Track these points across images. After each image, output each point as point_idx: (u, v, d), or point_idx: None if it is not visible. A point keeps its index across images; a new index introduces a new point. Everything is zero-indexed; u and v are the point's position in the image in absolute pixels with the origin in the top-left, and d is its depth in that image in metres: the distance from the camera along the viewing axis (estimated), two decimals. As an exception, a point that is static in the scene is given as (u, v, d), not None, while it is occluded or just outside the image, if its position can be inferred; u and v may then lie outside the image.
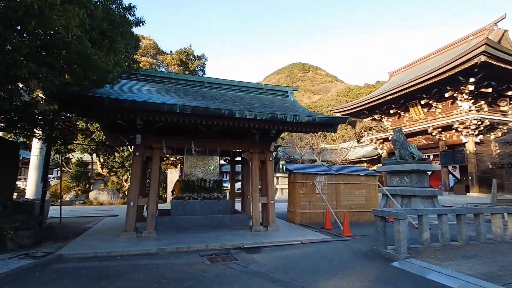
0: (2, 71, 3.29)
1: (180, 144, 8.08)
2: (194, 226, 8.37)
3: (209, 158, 9.85)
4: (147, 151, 7.81)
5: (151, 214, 7.48)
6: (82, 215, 12.15)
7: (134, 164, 7.65)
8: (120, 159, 17.87)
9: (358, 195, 10.45)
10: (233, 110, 7.07)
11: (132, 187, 7.44)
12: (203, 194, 9.20)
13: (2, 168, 6.48)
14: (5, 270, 4.65)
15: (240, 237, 7.43)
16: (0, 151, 6.53)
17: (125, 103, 6.29)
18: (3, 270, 4.66)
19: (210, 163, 9.86)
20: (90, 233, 7.83)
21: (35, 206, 7.75)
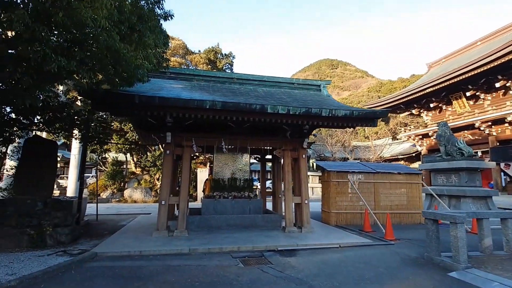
0: (33, 66, 3.24)
1: (210, 141, 7.89)
2: (225, 226, 8.15)
3: (239, 156, 9.60)
4: (178, 149, 7.71)
5: (182, 213, 7.37)
6: (117, 213, 12.54)
7: (165, 162, 7.59)
8: (152, 158, 18.34)
9: (398, 195, 9.59)
10: (265, 105, 6.71)
11: (164, 186, 7.37)
12: (234, 193, 8.96)
13: (41, 166, 6.70)
14: (43, 268, 4.69)
15: (273, 238, 7.06)
16: (40, 150, 6.76)
17: (155, 100, 6.19)
18: (41, 267, 4.71)
19: (240, 161, 9.60)
20: (124, 231, 7.91)
21: (73, 204, 7.98)
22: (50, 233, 6.13)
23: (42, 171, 6.73)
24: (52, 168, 7.02)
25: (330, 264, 5.27)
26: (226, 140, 7.91)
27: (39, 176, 6.67)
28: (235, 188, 9.22)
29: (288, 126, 7.97)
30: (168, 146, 7.51)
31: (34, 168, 6.65)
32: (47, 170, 6.87)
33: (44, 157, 6.83)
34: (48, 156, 6.92)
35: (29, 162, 6.68)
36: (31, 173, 6.61)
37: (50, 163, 6.97)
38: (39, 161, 6.73)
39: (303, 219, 7.96)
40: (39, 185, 6.64)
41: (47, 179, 6.85)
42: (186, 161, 7.67)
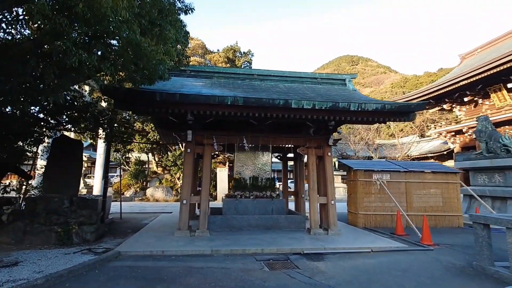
0: (55, 61, 3.15)
1: (231, 139, 7.67)
2: (247, 226, 7.91)
3: (260, 155, 9.33)
4: (198, 147, 7.56)
5: (204, 212, 7.21)
6: (140, 211, 12.70)
7: (185, 161, 7.46)
8: (172, 157, 18.53)
9: (433, 196, 8.89)
10: (288, 100, 6.38)
11: (185, 185, 7.25)
12: (255, 193, 8.70)
13: (68, 165, 6.79)
14: (68, 266, 4.66)
15: (298, 240, 6.71)
16: (66, 150, 6.86)
17: (176, 97, 6.05)
18: (67, 266, 4.68)
19: (261, 160, 9.33)
20: (146, 230, 7.88)
21: (98, 203, 8.07)
22: (76, 231, 6.17)
23: (68, 170, 6.82)
24: (77, 167, 7.10)
25: (363, 270, 4.85)
26: (247, 138, 7.66)
27: (65, 175, 6.76)
28: (256, 187, 8.96)
29: (313, 123, 7.59)
30: (188, 144, 7.38)
31: (61, 167, 6.75)
32: (73, 169, 6.95)
33: (70, 156, 6.92)
34: (74, 155, 7.01)
35: (57, 161, 6.79)
36: (58, 171, 6.71)
37: (76, 162, 7.06)
38: (65, 160, 6.83)
39: (330, 220, 7.54)
40: (66, 183, 6.74)
41: (73, 178, 6.93)
42: (207, 159, 7.50)
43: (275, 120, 7.20)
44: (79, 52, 3.08)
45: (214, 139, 7.42)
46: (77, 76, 3.64)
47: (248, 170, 9.18)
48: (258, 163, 9.32)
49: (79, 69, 3.39)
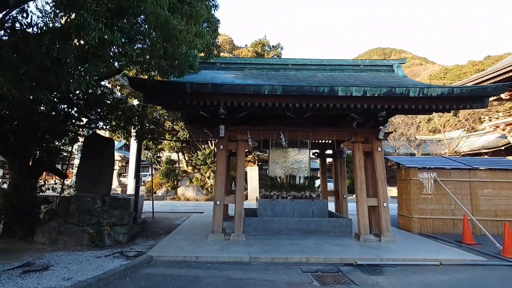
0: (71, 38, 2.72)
1: (267, 135, 6.99)
2: (285, 230, 7.19)
3: (297, 151, 8.57)
4: (231, 144, 6.98)
5: (239, 215, 6.61)
6: (171, 211, 12.51)
7: (218, 159, 6.92)
8: (202, 156, 18.34)
9: (507, 198, 7.51)
10: (335, 87, 5.55)
11: (218, 185, 6.71)
12: (293, 193, 7.96)
13: (99, 164, 6.56)
14: (99, 272, 4.29)
15: (347, 248, 5.87)
16: (98, 148, 6.63)
17: (208, 88, 5.50)
18: (97, 272, 4.31)
19: (299, 157, 8.56)
20: (179, 231, 7.48)
21: (130, 202, 7.83)
22: (108, 232, 5.87)
23: (100, 168, 6.59)
24: (109, 165, 6.86)
25: (439, 290, 3.93)
26: (284, 133, 6.94)
27: (98, 174, 6.53)
28: (294, 187, 8.21)
29: (360, 114, 6.67)
30: (221, 140, 6.83)
31: (93, 165, 6.53)
32: (105, 168, 6.72)
33: (102, 154, 6.69)
34: (106, 153, 6.77)
35: (89, 160, 6.58)
36: (91, 170, 6.49)
37: (107, 160, 6.82)
38: (97, 158, 6.61)
39: (382, 225, 6.59)
40: (98, 182, 6.51)
41: (105, 177, 6.69)
42: (241, 156, 6.90)
43: (317, 112, 6.42)
44: (98, 27, 2.60)
45: (248, 134, 6.80)
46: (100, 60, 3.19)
47: (285, 168, 8.47)
48: (295, 160, 8.56)
49: (101, 50, 2.92)
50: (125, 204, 7.67)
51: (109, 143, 6.98)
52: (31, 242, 5.65)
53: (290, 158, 8.55)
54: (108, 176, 6.81)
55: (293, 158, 8.56)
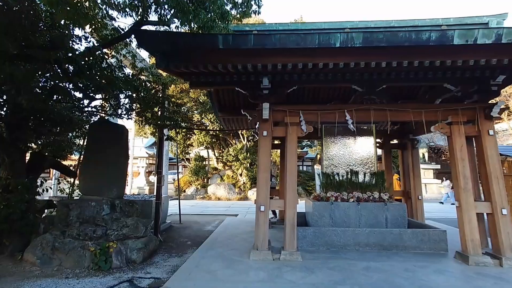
0: None
1: (326, 116, 5.07)
2: (352, 245, 5.27)
3: (359, 140, 6.57)
4: (278, 130, 5.17)
5: (292, 225, 4.79)
6: (201, 213, 11.06)
7: (261, 150, 5.13)
8: (234, 151, 16.81)
9: None
10: (447, 31, 3.51)
11: (261, 184, 4.94)
12: (357, 194, 5.99)
13: (107, 159, 5.09)
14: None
15: (458, 279, 3.82)
16: (106, 137, 5.18)
17: (249, 42, 3.72)
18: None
19: (361, 147, 6.55)
20: (210, 244, 5.85)
21: (150, 206, 6.36)
22: (118, 249, 4.36)
23: (109, 164, 5.12)
24: (121, 160, 5.39)
25: None
26: (351, 112, 4.98)
27: (106, 171, 5.07)
28: (357, 186, 6.23)
29: (462, 81, 4.55)
30: (264, 125, 5.04)
31: (100, 160, 5.07)
32: (116, 163, 5.24)
33: (112, 146, 5.22)
34: (116, 144, 5.30)
35: (94, 153, 5.15)
36: (97, 167, 5.05)
37: (119, 153, 5.34)
38: (106, 152, 5.15)
39: (502, 242, 4.42)
40: (107, 182, 5.05)
41: (116, 175, 5.22)
42: (291, 146, 5.05)
43: (402, 78, 4.42)
44: None
45: (301, 115, 4.94)
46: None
47: (344, 162, 6.51)
48: (357, 151, 6.56)
49: None
50: (144, 208, 6.22)
51: (121, 132, 5.49)
52: (19, 260, 4.30)
53: (350, 148, 6.56)
54: (120, 174, 5.34)
55: (354, 148, 6.57)
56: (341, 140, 6.59)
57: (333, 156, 6.58)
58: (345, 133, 6.48)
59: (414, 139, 7.37)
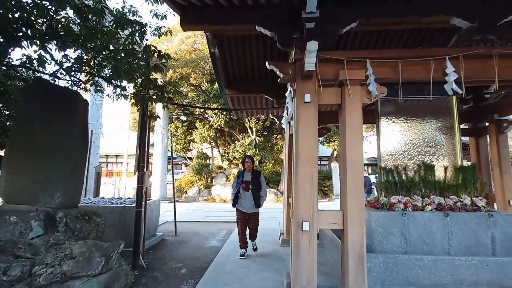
0: None
1: (411, 68, 2.99)
2: (451, 285, 3.20)
3: (432, 121, 4.51)
4: (328, 93, 3.07)
5: (358, 255, 2.75)
6: (204, 219, 9.05)
7: (301, 125, 3.04)
8: (241, 147, 14.78)
9: None
10: None
11: (301, 186, 2.87)
12: (437, 199, 3.92)
13: (47, 144, 3.08)
14: None
15: None
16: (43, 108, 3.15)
17: None
18: None
19: (437, 130, 4.49)
20: (214, 277, 3.83)
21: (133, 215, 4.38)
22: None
23: (52, 152, 3.12)
24: (74, 146, 3.36)
25: None
26: (455, 61, 2.91)
27: (46, 163, 3.07)
28: (432, 186, 4.16)
29: None
30: (306, 84, 2.97)
31: (36, 146, 3.08)
32: (64, 151, 3.22)
33: (57, 124, 3.22)
34: (66, 121, 3.29)
35: (28, 135, 3.14)
36: (30, 157, 3.05)
37: (69, 134, 3.32)
38: (47, 132, 3.15)
39: None
40: (46, 181, 3.04)
41: (63, 169, 3.20)
42: (352, 120, 2.96)
43: None
44: None
45: (369, 66, 2.87)
46: None
47: (410, 152, 4.45)
48: (429, 136, 4.50)
49: None
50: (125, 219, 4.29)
51: (74, 102, 3.45)
52: None
53: (421, 131, 4.50)
54: (71, 169, 3.31)
55: (426, 132, 4.50)
56: (407, 119, 4.53)
57: (394, 143, 4.52)
58: (415, 110, 4.45)
59: (501, 121, 5.26)
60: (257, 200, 4.67)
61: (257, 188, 4.69)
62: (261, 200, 4.73)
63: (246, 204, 4.67)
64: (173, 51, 13.44)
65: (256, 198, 4.67)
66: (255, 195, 4.66)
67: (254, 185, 4.68)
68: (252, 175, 4.78)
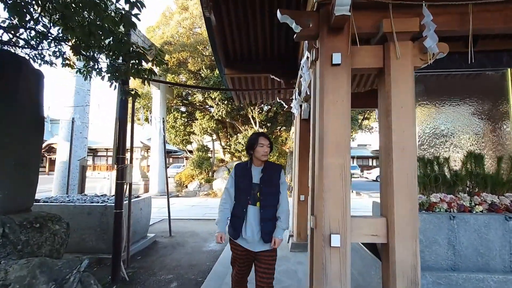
0: None
1: (484, 14, 2.12)
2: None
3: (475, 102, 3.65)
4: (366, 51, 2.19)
5: (410, 280, 1.92)
6: (203, 217, 8.28)
7: (327, 97, 2.20)
8: (244, 139, 13.94)
9: None
10: None
11: (328, 181, 2.04)
12: (489, 197, 3.10)
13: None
14: None
15: None
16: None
17: None
18: None
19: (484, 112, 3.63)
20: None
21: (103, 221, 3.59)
22: None
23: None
24: (19, 129, 2.53)
25: None
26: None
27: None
28: (482, 181, 3.33)
29: None
30: (335, 39, 2.11)
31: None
32: (9, 138, 2.40)
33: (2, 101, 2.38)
34: (8, 95, 2.46)
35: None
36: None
37: (13, 113, 2.49)
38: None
39: None
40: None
41: (4, 160, 2.38)
42: (402, 87, 2.10)
43: None
44: None
45: (425, 9, 1.99)
46: None
47: (451, 139, 3.62)
48: (475, 118, 3.64)
49: None
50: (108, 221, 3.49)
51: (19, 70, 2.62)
52: None
53: (464, 113, 3.64)
54: (14, 161, 2.49)
55: (467, 117, 3.64)
56: (444, 100, 3.67)
57: (432, 128, 3.67)
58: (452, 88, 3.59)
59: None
60: (272, 226, 2.25)
61: (272, 198, 2.29)
62: (280, 225, 2.24)
63: (252, 232, 2.23)
64: (169, 34, 12.52)
65: (270, 220, 2.25)
66: (269, 214, 2.25)
67: (268, 194, 2.28)
68: (266, 171, 2.34)
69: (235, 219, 2.30)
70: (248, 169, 2.36)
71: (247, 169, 2.37)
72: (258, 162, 2.36)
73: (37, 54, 3.24)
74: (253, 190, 2.28)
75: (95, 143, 28.61)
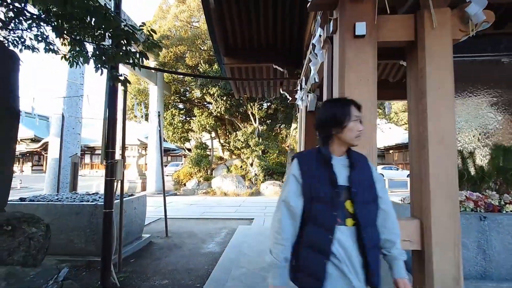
0: None
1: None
2: None
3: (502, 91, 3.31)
4: (394, 22, 1.88)
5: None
6: (201, 216, 7.94)
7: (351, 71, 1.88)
8: (243, 136, 13.60)
9: None
10: None
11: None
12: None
13: None
14: None
15: None
16: None
17: None
18: None
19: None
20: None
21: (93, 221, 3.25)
22: None
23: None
24: None
25: None
26: None
27: None
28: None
29: None
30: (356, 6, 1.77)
31: None
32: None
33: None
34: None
35: None
36: None
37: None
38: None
39: None
40: None
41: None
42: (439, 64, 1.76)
43: None
44: None
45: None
46: None
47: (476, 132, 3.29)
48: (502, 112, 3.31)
49: None
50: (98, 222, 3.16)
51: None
52: None
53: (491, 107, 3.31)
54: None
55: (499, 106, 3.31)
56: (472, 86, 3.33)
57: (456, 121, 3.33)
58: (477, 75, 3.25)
59: None
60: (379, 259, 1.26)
61: (373, 210, 1.27)
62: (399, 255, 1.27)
63: (356, 274, 1.17)
64: (166, 28, 12.13)
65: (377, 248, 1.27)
66: (374, 237, 1.25)
67: (366, 202, 1.24)
68: (356, 164, 1.27)
69: (313, 256, 1.19)
70: (327, 161, 1.26)
71: (324, 162, 1.26)
72: (341, 150, 1.29)
73: (17, 37, 2.90)
74: (339, 197, 1.21)
75: (93, 141, 28.17)
